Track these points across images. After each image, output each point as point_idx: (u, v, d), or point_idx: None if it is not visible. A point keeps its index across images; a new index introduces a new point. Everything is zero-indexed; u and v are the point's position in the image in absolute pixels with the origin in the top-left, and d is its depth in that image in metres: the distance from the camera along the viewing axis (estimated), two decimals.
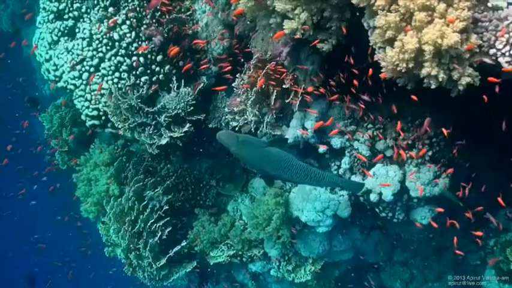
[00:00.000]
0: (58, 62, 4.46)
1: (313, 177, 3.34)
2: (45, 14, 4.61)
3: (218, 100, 4.48)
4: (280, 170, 3.27)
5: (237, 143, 3.18)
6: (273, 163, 3.26)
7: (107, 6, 4.35)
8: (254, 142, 3.28)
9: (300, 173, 3.29)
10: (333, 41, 2.90)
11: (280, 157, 3.27)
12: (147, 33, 4.18)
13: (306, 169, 3.31)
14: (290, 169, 3.27)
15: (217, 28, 4.34)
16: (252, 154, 3.29)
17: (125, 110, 4.16)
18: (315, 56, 3.53)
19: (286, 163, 3.27)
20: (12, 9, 9.21)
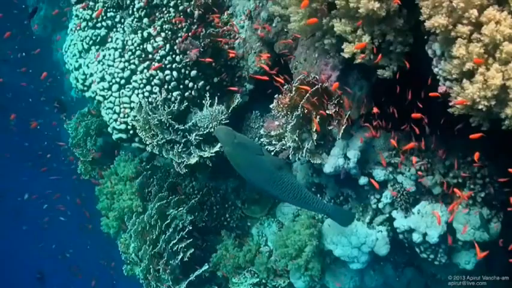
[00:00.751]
0: (87, 72, 4.15)
1: (301, 200, 3.06)
2: (77, 22, 4.31)
3: (252, 120, 4.13)
4: (270, 184, 2.98)
5: (231, 143, 2.95)
6: (264, 174, 2.98)
7: (142, 16, 4.05)
8: (250, 146, 3.05)
9: (289, 192, 3.00)
10: (395, 67, 2.52)
11: (273, 169, 2.98)
12: (182, 47, 3.85)
13: (296, 189, 3.02)
14: (280, 185, 2.98)
15: (256, 44, 4.00)
16: (245, 159, 3.00)
17: (154, 126, 3.82)
18: (363, 82, 3.16)
19: (278, 177, 2.98)
20: (45, 13, 9.02)
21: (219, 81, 4.07)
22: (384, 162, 3.31)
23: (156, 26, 4.00)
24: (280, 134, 3.43)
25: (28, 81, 10.36)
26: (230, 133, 2.99)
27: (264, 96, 4.27)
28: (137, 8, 4.07)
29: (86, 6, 4.27)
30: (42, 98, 8.99)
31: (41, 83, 9.45)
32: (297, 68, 3.63)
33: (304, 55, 3.53)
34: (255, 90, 4.20)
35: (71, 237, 10.27)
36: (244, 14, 4.08)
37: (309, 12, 2.60)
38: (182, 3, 4.08)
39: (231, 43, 4.16)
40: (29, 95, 10.18)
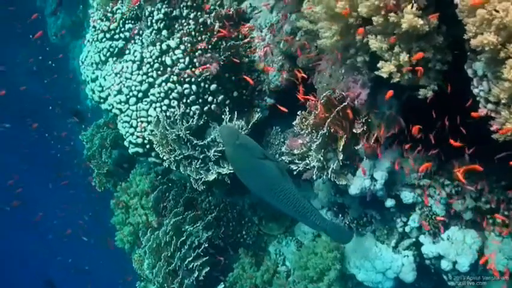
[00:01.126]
0: (104, 84, 4.01)
1: (300, 211, 2.87)
2: (94, 33, 4.18)
3: (272, 135, 3.95)
4: (268, 190, 2.82)
5: (233, 144, 2.81)
6: (264, 179, 2.83)
7: (161, 28, 3.89)
8: (252, 149, 2.87)
9: (287, 201, 2.83)
10: (435, 86, 2.33)
11: (274, 176, 2.82)
12: (202, 60, 3.69)
13: (295, 199, 2.84)
14: (279, 193, 2.81)
15: (277, 58, 3.82)
16: (245, 162, 2.85)
17: (172, 141, 3.66)
18: (393, 100, 2.96)
19: (278, 185, 2.81)
20: (62, 22, 8.96)
21: (238, 96, 3.90)
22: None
23: (175, 38, 3.85)
24: (304, 153, 3.23)
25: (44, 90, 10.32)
26: (233, 133, 2.85)
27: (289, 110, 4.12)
28: (156, 20, 3.93)
29: (106, 16, 4.13)
30: (56, 110, 8.88)
31: (57, 93, 9.37)
32: (321, 82, 3.44)
33: (329, 70, 3.34)
34: (276, 104, 4.02)
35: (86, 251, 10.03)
36: (266, 26, 3.91)
37: (342, 28, 2.42)
38: (202, 15, 3.93)
39: (251, 56, 3.99)
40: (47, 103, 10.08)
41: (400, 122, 2.99)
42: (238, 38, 4.05)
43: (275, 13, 3.77)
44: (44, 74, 9.75)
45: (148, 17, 3.96)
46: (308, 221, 2.97)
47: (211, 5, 4.11)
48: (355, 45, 2.47)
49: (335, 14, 2.43)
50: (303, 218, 2.94)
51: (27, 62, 10.06)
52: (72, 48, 9.18)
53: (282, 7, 3.70)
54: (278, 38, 3.73)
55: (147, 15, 3.97)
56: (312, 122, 3.11)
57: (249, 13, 4.10)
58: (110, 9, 4.14)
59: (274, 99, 4.02)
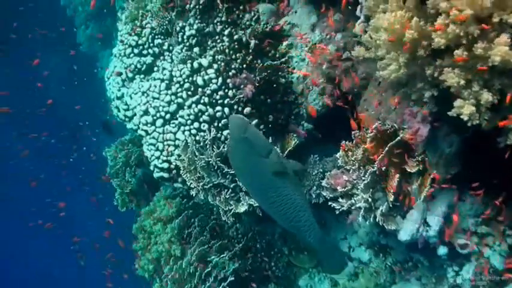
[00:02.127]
0: (130, 102, 3.70)
1: (294, 222, 2.55)
2: (121, 47, 3.88)
3: (309, 164, 3.56)
4: (264, 194, 2.50)
5: (237, 138, 2.52)
6: (263, 180, 2.50)
7: (193, 45, 3.56)
8: (257, 145, 2.53)
9: (282, 208, 2.52)
10: None
11: (271, 178, 2.48)
12: (237, 82, 3.34)
13: (293, 207, 2.53)
14: (274, 198, 2.48)
15: (318, 81, 3.44)
16: (244, 159, 2.53)
17: (201, 168, 3.31)
18: (453, 137, 2.55)
19: (275, 189, 2.48)
20: (91, 32, 8.77)
21: (274, 119, 3.53)
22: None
23: (207, 56, 3.52)
24: (349, 191, 2.84)
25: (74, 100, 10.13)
26: (241, 125, 2.52)
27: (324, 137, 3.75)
28: (188, 36, 3.61)
29: (135, 30, 3.83)
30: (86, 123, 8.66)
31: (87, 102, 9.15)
32: (368, 110, 3.05)
33: (378, 97, 2.95)
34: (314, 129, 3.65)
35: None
36: (307, 46, 3.54)
37: (409, 59, 2.03)
38: (237, 31, 3.59)
39: (288, 76, 3.63)
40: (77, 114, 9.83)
41: (459, 162, 2.58)
42: (275, 57, 3.69)
43: (318, 32, 3.39)
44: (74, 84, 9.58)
45: (179, 33, 3.65)
46: (301, 235, 2.63)
47: (246, 20, 3.77)
48: (423, 78, 2.07)
49: (401, 43, 2.05)
50: (296, 230, 2.61)
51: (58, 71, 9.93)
52: (101, 57, 8.99)
53: (325, 26, 3.33)
54: (320, 60, 3.35)
55: (178, 30, 3.66)
56: (360, 157, 2.71)
57: (287, 30, 3.74)
58: (138, 23, 3.84)
59: (313, 124, 3.64)
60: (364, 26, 2.63)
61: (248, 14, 3.80)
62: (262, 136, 2.68)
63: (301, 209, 2.53)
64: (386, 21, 2.08)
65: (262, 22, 3.80)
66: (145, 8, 3.89)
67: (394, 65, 2.07)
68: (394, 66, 2.07)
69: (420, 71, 2.15)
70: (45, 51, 9.66)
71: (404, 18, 2.04)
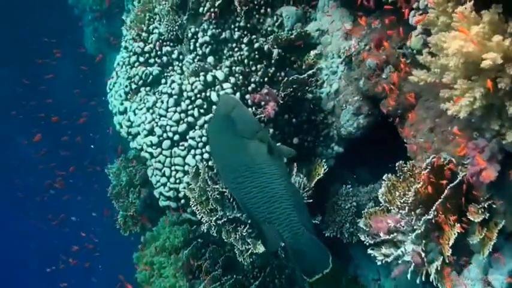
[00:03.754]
0: (134, 119, 3.18)
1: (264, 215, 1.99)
2: (125, 55, 3.36)
3: (340, 196, 3.01)
4: (236, 179, 2.01)
5: (220, 115, 2.14)
6: (238, 162, 2.01)
7: (206, 54, 3.03)
8: (242, 124, 2.06)
9: (255, 199, 1.98)
10: None
11: (253, 161, 1.99)
12: (257, 99, 2.79)
13: (268, 199, 1.97)
14: (248, 184, 1.98)
15: (353, 98, 2.89)
16: (222, 138, 2.10)
17: (214, 200, 2.77)
18: None
19: (253, 174, 1.98)
20: (99, 33, 8.28)
21: (299, 143, 2.98)
22: None
23: (223, 67, 2.98)
24: (395, 239, 2.27)
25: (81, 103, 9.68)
26: (230, 104, 2.14)
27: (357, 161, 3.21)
28: (201, 43, 3.08)
29: (141, 36, 3.31)
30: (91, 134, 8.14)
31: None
32: (416, 137, 2.49)
33: (430, 123, 2.39)
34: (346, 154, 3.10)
35: None
36: (339, 56, 2.98)
37: (488, 92, 1.48)
38: (258, 39, 3.05)
39: (316, 91, 3.08)
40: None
41: None
42: (301, 69, 3.14)
43: (354, 41, 2.83)
44: (80, 86, 9.12)
45: (191, 40, 3.12)
46: (277, 224, 2.01)
47: (268, 26, 3.22)
48: (501, 113, 1.52)
49: (478, 69, 1.50)
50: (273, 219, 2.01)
51: (65, 73, 9.47)
52: (108, 60, 8.49)
53: (365, 34, 2.76)
54: (357, 74, 2.79)
55: (190, 37, 3.13)
56: (412, 200, 2.15)
57: (315, 38, 3.19)
58: (145, 28, 3.31)
59: (344, 148, 3.09)
60: (423, 39, 2.07)
61: (270, 19, 3.26)
62: (252, 117, 2.25)
63: (278, 200, 1.99)
64: (457, 40, 1.53)
65: (286, 28, 3.25)
66: (152, 11, 3.36)
67: (466, 98, 1.52)
68: (467, 99, 1.52)
69: (500, 105, 1.60)
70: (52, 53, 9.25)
71: (482, 36, 1.48)
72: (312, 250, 2.03)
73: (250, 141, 2.03)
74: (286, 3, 3.38)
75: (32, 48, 10.63)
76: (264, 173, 1.99)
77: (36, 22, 10.54)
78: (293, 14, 3.26)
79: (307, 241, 2.00)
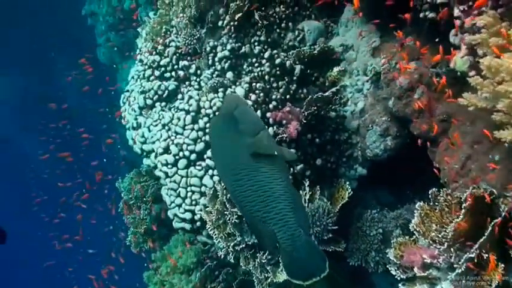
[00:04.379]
0: (148, 135, 3.00)
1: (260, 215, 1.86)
2: (140, 68, 3.19)
3: (365, 221, 2.81)
4: (234, 177, 1.89)
5: (223, 113, 2.06)
6: (237, 160, 1.91)
7: (225, 69, 2.85)
8: (244, 122, 1.97)
9: (252, 197, 1.85)
10: None
11: (253, 160, 1.88)
12: (278, 117, 2.61)
13: (265, 198, 1.85)
14: (246, 182, 1.87)
15: (380, 118, 2.70)
16: (223, 136, 2.00)
17: (232, 224, 2.57)
18: None
19: (251, 172, 1.88)
20: (112, 42, 8.17)
21: (323, 164, 2.79)
22: None
23: (243, 83, 2.81)
24: (430, 275, 2.07)
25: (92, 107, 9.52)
26: (234, 102, 2.05)
27: (378, 182, 3.01)
28: (220, 58, 2.90)
29: (157, 49, 3.14)
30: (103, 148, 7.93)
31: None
32: (450, 164, 2.29)
33: (467, 149, 2.19)
34: (370, 176, 2.91)
35: None
36: (365, 73, 2.80)
37: None
38: (279, 54, 2.87)
39: (339, 109, 2.89)
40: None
41: None
42: (324, 85, 2.97)
43: (384, 59, 2.64)
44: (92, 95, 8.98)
45: (210, 54, 2.95)
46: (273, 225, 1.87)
47: (289, 40, 3.05)
48: None
49: None
50: (259, 225, 1.90)
51: (78, 82, 9.33)
52: (121, 68, 8.36)
53: (395, 52, 2.58)
54: (385, 93, 2.61)
55: (209, 51, 2.96)
56: (451, 236, 1.95)
57: (340, 53, 3.00)
58: (161, 41, 3.15)
59: (368, 170, 2.89)
60: (470, 61, 1.88)
61: (291, 33, 3.10)
62: (255, 116, 2.15)
63: (275, 200, 1.87)
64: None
65: (308, 43, 3.08)
66: (169, 24, 3.20)
67: None
68: None
69: None
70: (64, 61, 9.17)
71: None
72: (309, 253, 1.88)
73: (252, 141, 1.93)
74: (307, 17, 3.21)
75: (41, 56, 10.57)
76: (263, 173, 1.88)
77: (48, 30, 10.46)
78: (315, 29, 3.10)
79: (304, 243, 1.86)
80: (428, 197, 2.28)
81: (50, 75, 10.37)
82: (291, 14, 3.12)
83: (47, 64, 10.49)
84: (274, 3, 3.11)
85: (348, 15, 3.07)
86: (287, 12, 3.10)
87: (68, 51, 9.22)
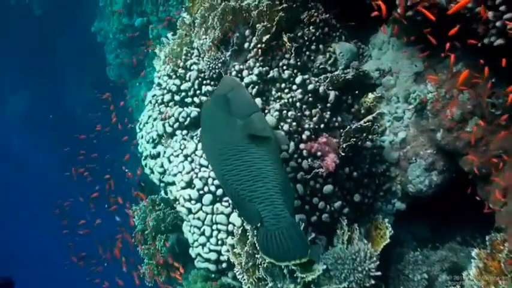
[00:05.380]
0: (168, 167, 2.72)
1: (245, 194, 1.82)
2: (159, 93, 2.92)
3: (407, 264, 2.50)
4: (222, 157, 1.87)
5: (216, 95, 2.02)
6: (227, 141, 1.89)
7: (253, 95, 2.58)
8: (237, 104, 1.96)
9: (238, 176, 1.83)
10: None
11: (243, 141, 1.87)
12: (314, 149, 2.33)
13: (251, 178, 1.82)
14: (232, 162, 1.85)
15: (425, 151, 2.42)
16: (214, 117, 1.97)
17: (264, 269, 2.28)
18: None
19: (239, 152, 1.86)
20: (122, 60, 7.95)
21: (361, 199, 2.50)
22: None
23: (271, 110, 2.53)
24: None
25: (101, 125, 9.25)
26: (230, 85, 2.04)
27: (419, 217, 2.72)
28: (246, 83, 2.63)
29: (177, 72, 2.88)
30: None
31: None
32: (507, 206, 2.00)
33: None
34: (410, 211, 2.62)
35: None
36: (407, 100, 2.52)
37: None
38: (311, 80, 2.60)
39: (376, 140, 2.61)
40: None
41: None
42: (359, 113, 2.69)
43: (431, 86, 2.36)
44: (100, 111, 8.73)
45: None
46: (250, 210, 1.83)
47: (320, 64, 2.78)
48: None
49: None
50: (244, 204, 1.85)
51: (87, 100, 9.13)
52: (130, 86, 8.13)
53: (444, 79, 2.30)
54: (433, 124, 2.32)
55: (234, 75, 2.68)
56: None
57: (375, 78, 2.74)
58: (182, 64, 2.88)
59: (407, 205, 2.60)
60: None
61: (322, 56, 2.82)
62: (249, 99, 2.07)
63: (262, 180, 1.83)
64: None
65: (341, 67, 2.81)
66: (190, 45, 2.94)
67: None
68: None
69: None
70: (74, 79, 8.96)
71: None
72: (292, 235, 1.78)
73: (243, 122, 1.91)
74: (338, 37, 2.95)
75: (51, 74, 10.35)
76: (251, 153, 1.85)
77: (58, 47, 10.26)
78: (348, 51, 2.83)
79: (289, 225, 1.78)
80: (485, 243, 1.99)
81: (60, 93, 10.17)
82: (321, 35, 2.86)
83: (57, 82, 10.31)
84: (302, 24, 2.86)
85: (383, 37, 2.81)
86: (317, 33, 2.83)
87: (78, 68, 9.02)
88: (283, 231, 1.76)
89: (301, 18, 2.86)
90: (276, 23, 2.68)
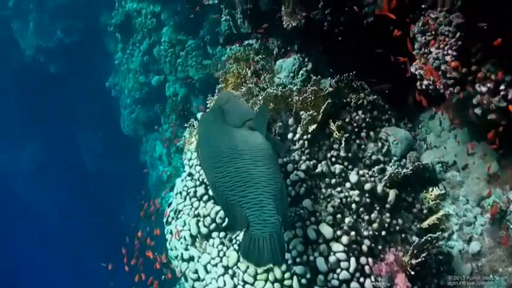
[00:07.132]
0: (203, 276, 2.31)
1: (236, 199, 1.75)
2: (190, 184, 2.57)
3: None
4: (215, 163, 1.80)
5: (213, 108, 2.09)
6: (220, 148, 1.84)
7: (301, 195, 2.21)
8: (232, 114, 1.98)
9: (230, 182, 1.77)
10: None
11: (237, 147, 1.82)
12: (384, 271, 1.92)
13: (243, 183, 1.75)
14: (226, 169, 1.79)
15: (504, 268, 2.05)
16: (210, 127, 1.98)
17: None
18: None
19: (232, 159, 1.80)
20: (137, 116, 7.66)
21: None
22: None
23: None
24: None
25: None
26: (226, 98, 2.11)
27: None
28: (293, 181, 2.26)
29: None
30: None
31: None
32: None
33: None
34: None
35: None
36: (479, 205, 2.14)
37: None
38: (366, 178, 2.23)
39: (442, 246, 2.21)
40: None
41: None
42: (421, 213, 2.30)
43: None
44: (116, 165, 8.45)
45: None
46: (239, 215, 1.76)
47: (371, 153, 2.43)
48: None
49: None
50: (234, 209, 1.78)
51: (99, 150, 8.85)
52: (145, 142, 7.83)
53: None
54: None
55: None
56: None
57: (438, 171, 2.36)
58: None
59: None
60: None
61: (373, 144, 2.47)
62: (244, 108, 2.12)
63: (254, 186, 1.77)
64: None
65: (395, 157, 2.45)
66: None
67: None
68: None
69: None
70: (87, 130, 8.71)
71: None
72: (274, 242, 1.70)
73: (237, 129, 1.93)
74: (387, 121, 2.61)
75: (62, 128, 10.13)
76: (245, 159, 1.81)
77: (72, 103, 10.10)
78: (403, 139, 2.48)
79: (274, 232, 1.70)
80: None
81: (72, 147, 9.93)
82: (370, 120, 2.52)
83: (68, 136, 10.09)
84: (348, 107, 2.53)
85: (440, 118, 2.47)
86: (367, 119, 2.50)
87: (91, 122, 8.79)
88: (267, 237, 1.69)
89: (347, 101, 2.53)
90: (322, 111, 2.35)
